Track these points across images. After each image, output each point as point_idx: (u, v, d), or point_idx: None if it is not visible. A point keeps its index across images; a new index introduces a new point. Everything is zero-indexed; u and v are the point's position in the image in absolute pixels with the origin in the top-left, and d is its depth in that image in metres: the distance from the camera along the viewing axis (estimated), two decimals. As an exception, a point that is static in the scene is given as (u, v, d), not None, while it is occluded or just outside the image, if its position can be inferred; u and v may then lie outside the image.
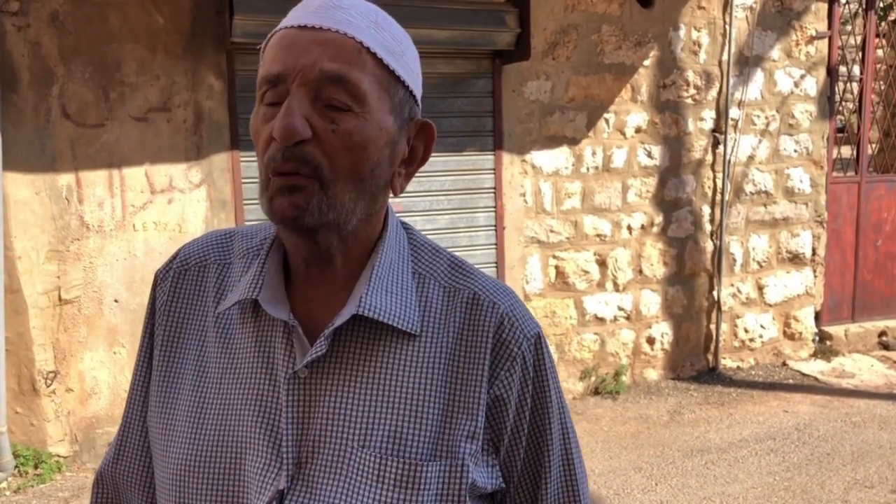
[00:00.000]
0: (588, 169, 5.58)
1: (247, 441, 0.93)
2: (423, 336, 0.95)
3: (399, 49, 0.94)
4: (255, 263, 1.00)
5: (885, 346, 6.68)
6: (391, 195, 0.98)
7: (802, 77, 6.22)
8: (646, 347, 5.92)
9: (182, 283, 1.05)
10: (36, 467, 4.31)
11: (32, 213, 4.28)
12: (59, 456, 4.44)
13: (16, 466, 4.27)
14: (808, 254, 6.41)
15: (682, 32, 5.75)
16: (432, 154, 1.02)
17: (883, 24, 7.16)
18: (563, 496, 1.03)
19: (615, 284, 5.75)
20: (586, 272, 5.65)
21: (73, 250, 4.38)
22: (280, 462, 0.91)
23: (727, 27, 5.85)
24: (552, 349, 5.57)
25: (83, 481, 4.32)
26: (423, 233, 1.07)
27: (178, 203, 4.58)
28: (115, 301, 4.50)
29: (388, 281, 0.96)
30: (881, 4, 7.21)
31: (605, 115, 5.58)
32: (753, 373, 6.16)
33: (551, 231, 5.51)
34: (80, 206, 4.38)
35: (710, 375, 6.06)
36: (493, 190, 5.31)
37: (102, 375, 4.52)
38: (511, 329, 0.98)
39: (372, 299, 0.93)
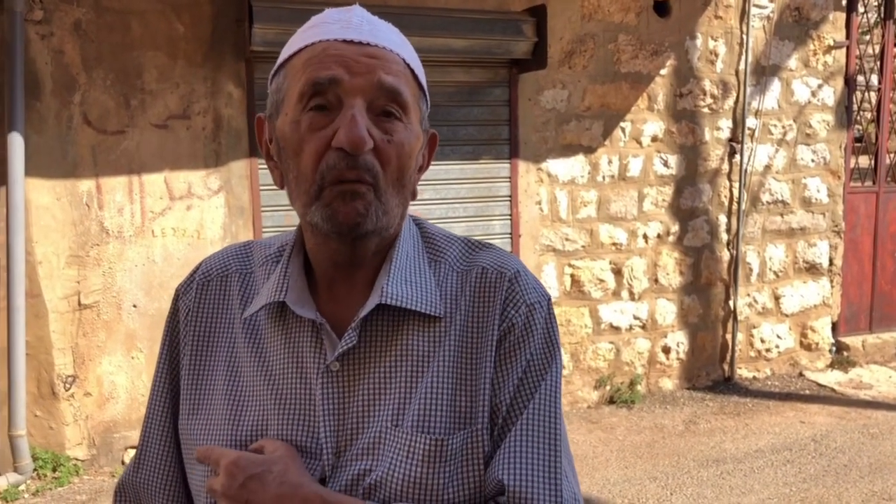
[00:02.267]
0: (604, 177, 5.58)
1: (284, 438, 0.96)
2: (444, 318, 0.98)
3: (419, 65, 1.01)
4: (278, 269, 1.03)
5: (904, 358, 6.62)
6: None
7: (820, 87, 6.20)
8: (661, 357, 5.90)
9: (206, 294, 1.08)
10: (54, 470, 4.35)
11: (53, 219, 4.34)
12: (76, 459, 4.48)
13: (34, 469, 4.31)
14: (825, 264, 6.37)
15: (698, 42, 5.75)
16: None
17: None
18: (542, 456, 0.95)
19: (631, 293, 5.74)
20: (602, 281, 5.64)
21: (93, 256, 4.43)
22: (319, 453, 0.95)
23: (744, 36, 5.85)
24: (567, 357, 5.57)
25: (100, 485, 4.35)
26: None
27: (196, 209, 4.62)
28: (134, 306, 4.55)
29: (406, 271, 1.00)
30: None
31: (622, 124, 5.58)
32: (769, 383, 6.13)
33: (567, 239, 5.51)
34: (101, 212, 4.43)
35: (726, 385, 6.03)
36: (508, 198, 5.33)
37: (120, 380, 4.56)
38: (521, 288, 1.00)
39: (393, 288, 0.97)
